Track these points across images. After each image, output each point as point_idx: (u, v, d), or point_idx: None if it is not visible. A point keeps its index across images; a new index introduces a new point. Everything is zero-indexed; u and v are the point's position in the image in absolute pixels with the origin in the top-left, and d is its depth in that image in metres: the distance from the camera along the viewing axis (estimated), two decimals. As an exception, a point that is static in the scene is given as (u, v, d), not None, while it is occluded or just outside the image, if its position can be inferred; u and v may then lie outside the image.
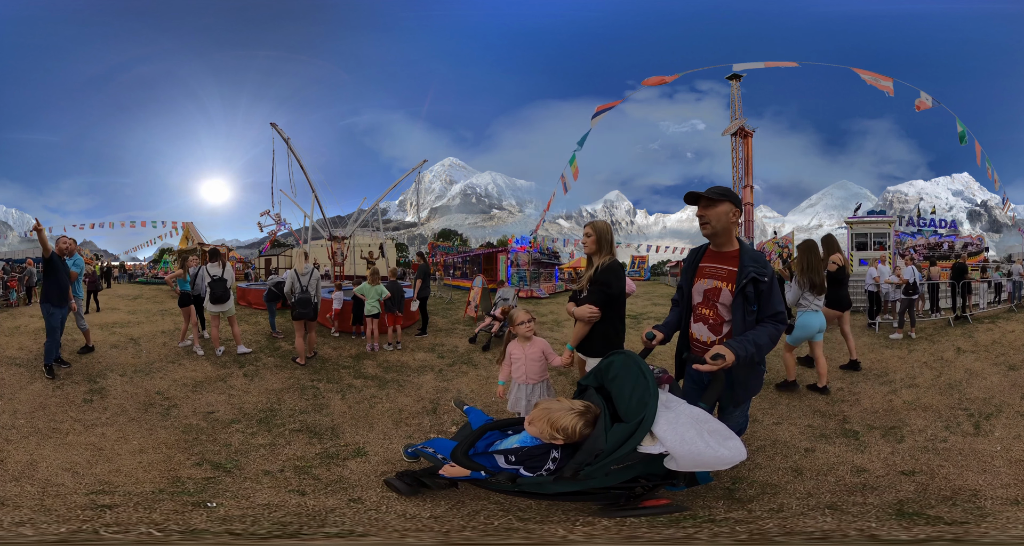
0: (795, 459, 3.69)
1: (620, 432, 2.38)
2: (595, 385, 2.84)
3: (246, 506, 2.99)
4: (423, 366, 7.02)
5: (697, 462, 2.27)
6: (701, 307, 2.92)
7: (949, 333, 9.07)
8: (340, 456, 3.85)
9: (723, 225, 2.82)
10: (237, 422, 4.62)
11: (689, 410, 2.45)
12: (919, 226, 22.42)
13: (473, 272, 21.87)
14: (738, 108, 37.89)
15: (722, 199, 2.81)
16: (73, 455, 3.77)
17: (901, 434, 4.16)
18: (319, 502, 3.04)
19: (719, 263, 2.89)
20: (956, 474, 3.36)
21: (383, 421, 4.73)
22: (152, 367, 6.41)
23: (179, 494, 3.12)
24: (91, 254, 39.64)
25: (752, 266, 2.74)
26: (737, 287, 2.74)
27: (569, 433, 2.49)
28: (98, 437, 4.15)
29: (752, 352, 2.58)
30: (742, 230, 35.60)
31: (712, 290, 2.87)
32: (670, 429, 2.30)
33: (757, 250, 2.96)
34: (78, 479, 3.36)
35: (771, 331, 2.70)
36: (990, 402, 4.92)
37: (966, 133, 15.53)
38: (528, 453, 2.56)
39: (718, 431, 2.35)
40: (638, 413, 2.39)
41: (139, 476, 3.44)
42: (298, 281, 7.07)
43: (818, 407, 4.95)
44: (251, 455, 3.86)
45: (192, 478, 3.42)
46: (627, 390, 2.57)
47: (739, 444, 2.33)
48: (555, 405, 2.61)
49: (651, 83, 15.65)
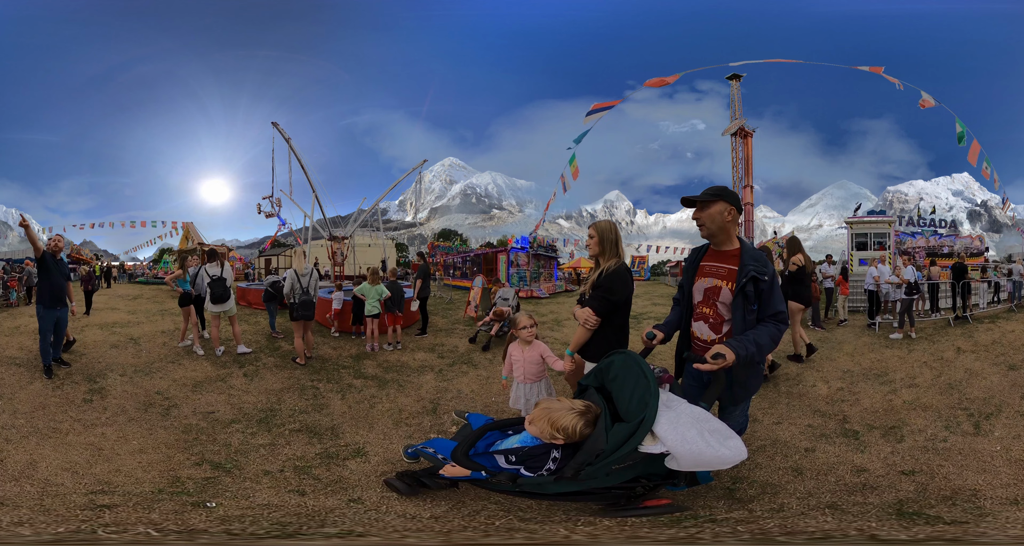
0: (795, 459, 3.69)
1: (621, 432, 2.37)
2: (595, 385, 2.83)
3: (245, 506, 2.98)
4: (423, 366, 7.02)
5: (698, 462, 2.27)
6: (702, 306, 2.92)
7: (949, 333, 9.08)
8: (340, 456, 3.85)
9: (719, 225, 2.82)
10: (237, 422, 4.62)
11: (690, 410, 2.44)
12: (919, 226, 22.40)
13: (473, 272, 21.87)
14: (738, 108, 37.90)
15: (716, 200, 2.81)
16: (73, 455, 3.77)
17: (901, 434, 4.17)
18: (319, 502, 3.04)
19: (720, 262, 2.89)
20: (956, 474, 3.37)
21: (383, 421, 4.73)
22: (152, 367, 6.41)
23: (178, 494, 3.12)
24: (91, 254, 39.62)
25: (752, 265, 2.73)
26: (737, 286, 2.74)
27: (569, 433, 2.49)
28: (98, 437, 4.16)
29: (753, 352, 2.56)
30: (742, 230, 35.67)
31: (712, 289, 2.86)
32: (671, 429, 2.30)
33: (759, 249, 2.95)
34: (77, 479, 3.36)
35: (772, 331, 2.69)
36: (990, 402, 4.91)
37: (965, 133, 15.46)
38: (529, 453, 2.57)
39: (719, 431, 2.35)
40: (639, 413, 2.38)
41: (139, 476, 3.45)
42: (298, 282, 7.07)
43: (818, 407, 4.95)
44: (251, 455, 3.86)
45: (192, 478, 3.42)
46: (628, 390, 2.56)
47: (740, 444, 2.33)
48: (555, 405, 2.61)
49: (653, 84, 15.66)
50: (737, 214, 2.87)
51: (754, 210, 36.00)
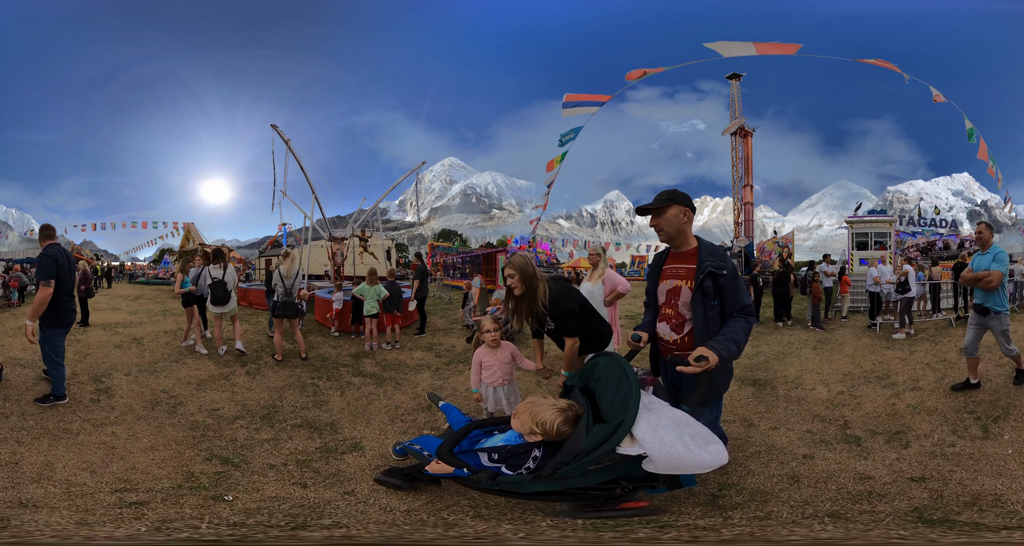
0: (792, 466, 3.56)
1: (600, 432, 2.40)
2: (580, 385, 2.87)
3: (258, 499, 3.12)
4: (420, 365, 7.17)
5: (675, 465, 2.29)
6: (664, 307, 2.98)
7: (951, 333, 8.89)
8: (338, 450, 4.01)
9: (676, 228, 2.87)
10: (241, 418, 4.77)
11: (671, 413, 2.46)
12: (920, 226, 22.46)
13: (473, 272, 22.00)
14: (738, 107, 37.93)
15: (669, 204, 2.85)
16: (87, 454, 3.81)
17: (906, 439, 4.02)
18: (318, 494, 3.19)
19: (679, 263, 2.95)
20: (971, 479, 3.24)
21: (380, 417, 4.87)
22: (156, 366, 6.55)
23: (197, 489, 3.23)
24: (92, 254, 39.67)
25: (709, 261, 2.76)
26: (696, 283, 2.77)
27: (547, 428, 2.53)
28: (109, 436, 4.20)
29: (734, 351, 2.61)
30: (743, 230, 35.70)
31: (673, 290, 2.92)
32: (650, 431, 2.31)
33: (718, 246, 2.96)
34: (97, 478, 3.41)
35: (744, 326, 2.72)
36: (996, 404, 4.76)
37: (975, 130, 15.05)
38: (511, 451, 2.61)
39: (700, 435, 2.37)
40: (619, 414, 2.40)
41: (155, 473, 3.53)
42: (282, 283, 7.23)
43: (817, 411, 4.82)
44: (256, 450, 4.01)
45: (204, 473, 3.53)
46: (610, 391, 2.59)
47: (722, 448, 2.35)
48: (541, 401, 2.68)
49: (633, 77, 15.15)
50: (691, 214, 2.91)
51: (754, 210, 36.03)
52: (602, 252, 6.01)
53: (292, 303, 7.21)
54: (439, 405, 3.58)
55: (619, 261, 51.76)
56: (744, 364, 6.27)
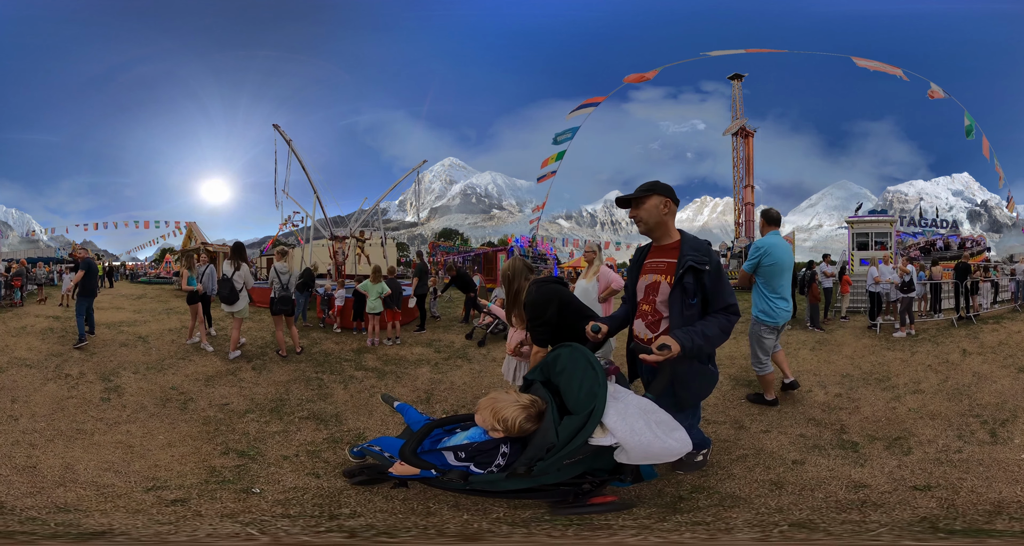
0: (779, 472, 3.32)
1: (571, 424, 2.34)
2: (541, 379, 2.77)
3: (281, 490, 3.17)
4: (420, 360, 7.31)
5: (647, 454, 2.26)
6: (642, 303, 2.85)
7: (953, 334, 8.75)
8: (344, 441, 4.13)
9: (656, 219, 2.75)
10: (251, 412, 4.87)
11: (637, 401, 2.43)
12: (920, 226, 22.50)
13: (473, 271, 22.10)
14: (739, 108, 38.02)
15: (650, 194, 2.73)
16: (106, 454, 3.74)
17: (908, 445, 3.76)
18: (331, 484, 3.28)
19: (660, 257, 2.81)
20: (984, 486, 3.03)
21: (381, 409, 4.98)
22: (164, 364, 6.59)
23: (224, 483, 3.27)
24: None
25: (691, 255, 2.62)
26: (676, 278, 2.63)
27: (508, 425, 2.45)
28: (124, 435, 4.15)
29: (700, 344, 2.46)
30: (743, 230, 35.79)
31: (652, 285, 2.79)
32: (620, 420, 2.28)
33: (702, 240, 2.80)
34: (124, 478, 3.33)
35: (722, 322, 2.58)
36: (1003, 407, 4.56)
37: (973, 127, 14.59)
38: (478, 448, 2.51)
39: (664, 422, 2.35)
40: (588, 404, 2.35)
41: (178, 469, 3.51)
42: (278, 279, 7.31)
43: (813, 415, 4.55)
44: (268, 442, 4.10)
45: (225, 466, 3.56)
46: (576, 382, 2.52)
47: (684, 435, 2.33)
48: (504, 396, 2.60)
49: (631, 80, 15.35)
50: (674, 206, 2.78)
51: (755, 210, 36.12)
52: (597, 250, 6.08)
53: (288, 299, 7.33)
54: (394, 406, 3.50)
55: (620, 261, 51.77)
56: (739, 364, 6.30)
